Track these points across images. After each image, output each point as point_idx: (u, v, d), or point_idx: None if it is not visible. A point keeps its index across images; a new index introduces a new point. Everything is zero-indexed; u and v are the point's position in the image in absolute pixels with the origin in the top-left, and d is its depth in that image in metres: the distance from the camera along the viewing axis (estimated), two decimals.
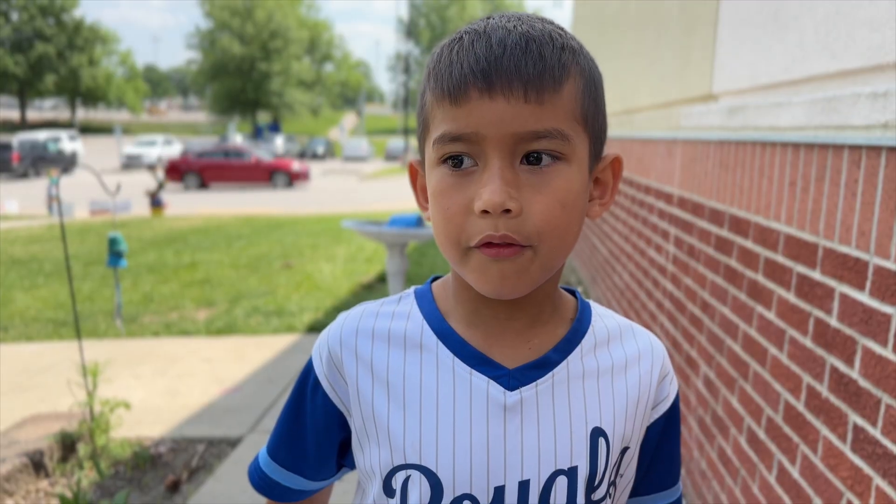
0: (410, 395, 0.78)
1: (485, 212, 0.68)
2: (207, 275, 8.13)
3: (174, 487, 3.17)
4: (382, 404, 0.78)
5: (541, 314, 0.81)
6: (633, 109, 4.67)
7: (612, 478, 0.81)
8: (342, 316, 0.85)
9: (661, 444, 0.88)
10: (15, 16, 53.11)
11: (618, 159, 0.81)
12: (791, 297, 1.92)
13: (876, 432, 1.46)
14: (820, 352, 1.73)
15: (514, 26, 0.71)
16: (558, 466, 0.77)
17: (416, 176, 0.84)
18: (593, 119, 0.75)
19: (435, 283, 0.86)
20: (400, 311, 0.83)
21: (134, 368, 4.78)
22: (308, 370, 0.84)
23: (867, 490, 1.48)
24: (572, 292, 0.87)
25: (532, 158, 0.70)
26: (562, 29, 0.74)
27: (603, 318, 0.86)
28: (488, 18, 0.74)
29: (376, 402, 0.79)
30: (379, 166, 39.30)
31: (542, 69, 0.69)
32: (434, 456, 0.76)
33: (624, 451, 0.82)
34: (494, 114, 0.68)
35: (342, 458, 0.87)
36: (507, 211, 0.68)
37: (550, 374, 0.79)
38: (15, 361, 4.98)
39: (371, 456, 0.79)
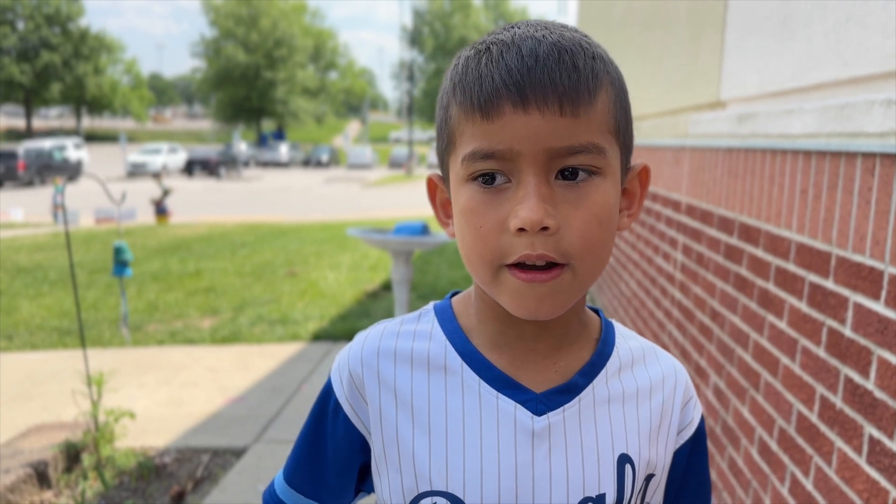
0: (436, 419, 0.75)
1: (521, 230, 0.66)
2: (212, 283, 8.12)
3: (179, 498, 3.15)
4: (407, 429, 0.76)
5: (567, 334, 0.78)
6: (639, 116, 4.65)
7: None
8: (361, 336, 0.82)
9: (688, 470, 0.85)
10: (21, 25, 53.37)
11: (646, 169, 0.78)
12: (803, 307, 1.89)
13: (892, 445, 1.43)
14: (834, 362, 1.71)
15: (544, 35, 0.68)
16: (586, 494, 0.74)
17: (435, 191, 0.81)
18: (624, 129, 0.73)
19: (455, 299, 0.83)
20: (421, 330, 0.80)
21: (139, 377, 4.77)
22: (327, 393, 0.81)
23: None
24: (595, 311, 0.85)
25: (567, 173, 0.67)
26: (588, 37, 0.71)
27: (626, 339, 0.84)
28: (514, 27, 0.71)
29: (400, 426, 0.76)
30: (383, 174, 39.35)
31: (577, 80, 0.66)
32: (461, 483, 0.73)
33: (649, 477, 0.79)
34: (529, 129, 0.65)
35: (361, 482, 0.84)
36: (545, 228, 0.66)
37: (577, 398, 0.76)
38: (19, 370, 4.97)
39: (392, 482, 0.76)
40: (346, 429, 0.80)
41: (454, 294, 0.85)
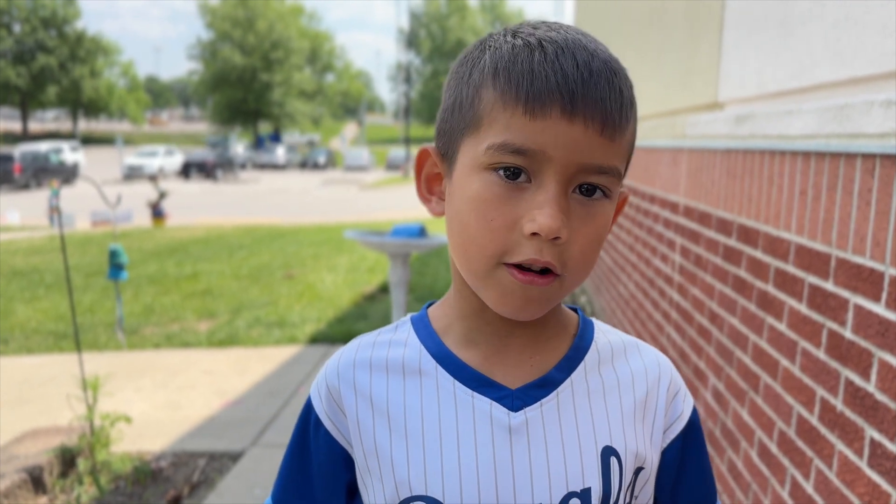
0: (412, 424, 0.75)
1: (534, 234, 0.66)
2: (209, 286, 8.10)
3: (175, 503, 3.13)
4: (384, 437, 0.75)
5: (544, 330, 0.78)
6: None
7: (627, 499, 0.77)
8: (339, 351, 0.82)
9: (684, 464, 0.83)
10: (17, 27, 53.30)
11: (626, 198, 0.79)
12: (803, 309, 1.88)
13: (894, 448, 1.42)
14: (834, 364, 1.70)
15: (595, 49, 0.68)
16: (570, 489, 0.73)
17: (424, 162, 0.78)
18: (632, 155, 0.75)
19: (431, 308, 0.84)
20: (397, 339, 0.80)
21: (135, 381, 4.75)
22: (308, 409, 0.81)
23: None
24: (574, 310, 0.85)
25: (585, 189, 0.68)
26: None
27: (606, 334, 0.83)
28: (562, 29, 0.70)
29: (378, 434, 0.76)
30: (380, 176, 39.35)
31: (620, 105, 0.67)
32: (440, 485, 0.72)
33: (638, 471, 0.78)
34: (569, 138, 0.65)
35: (351, 500, 0.83)
36: (556, 238, 0.66)
37: (555, 392, 0.76)
38: (15, 374, 4.95)
39: (375, 492, 0.76)
40: (328, 444, 0.79)
41: (430, 305, 0.85)
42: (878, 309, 1.50)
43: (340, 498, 0.82)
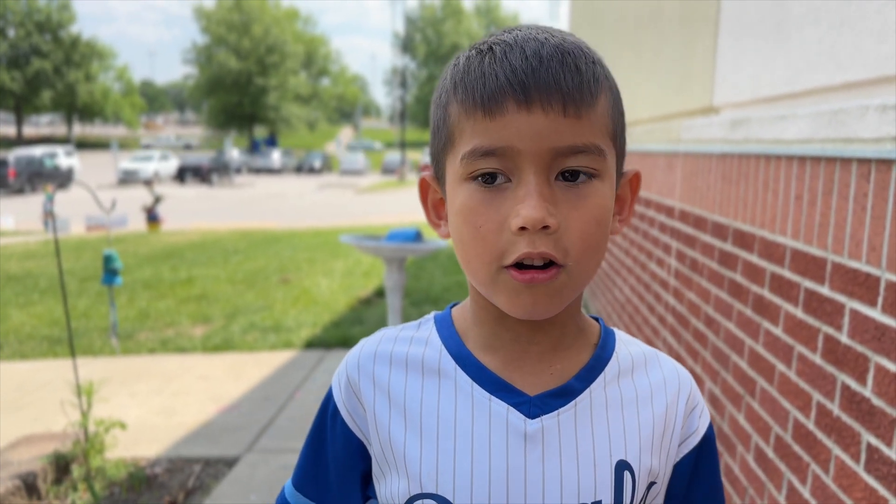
0: (427, 422, 0.75)
1: (522, 228, 0.66)
2: (204, 290, 8.07)
3: None
4: (399, 431, 0.76)
5: (564, 337, 0.78)
6: (631, 122, 4.66)
7: None
8: (361, 342, 0.83)
9: (695, 482, 0.82)
10: (12, 32, 53.17)
11: (637, 175, 0.79)
12: (799, 313, 1.88)
13: (891, 453, 1.42)
14: (830, 369, 1.70)
15: (546, 38, 0.69)
16: (581, 500, 0.73)
17: (427, 192, 0.81)
18: (620, 134, 0.74)
19: (454, 309, 0.84)
20: (419, 336, 0.81)
21: (130, 386, 4.73)
22: (328, 398, 0.83)
23: None
24: (596, 319, 0.85)
25: (567, 175, 0.68)
26: (585, 43, 0.72)
27: (627, 345, 0.83)
28: (515, 30, 0.71)
29: (393, 429, 0.76)
30: (375, 180, 39.35)
31: (580, 82, 0.67)
32: (451, 485, 0.73)
33: (650, 486, 0.77)
34: (532, 127, 0.66)
35: (367, 489, 0.84)
36: (546, 227, 0.66)
37: (573, 402, 0.75)
38: (9, 379, 4.92)
39: (391, 485, 0.77)
40: (344, 434, 0.80)
41: (454, 305, 0.85)
42: (874, 314, 1.50)
43: (355, 486, 0.82)
